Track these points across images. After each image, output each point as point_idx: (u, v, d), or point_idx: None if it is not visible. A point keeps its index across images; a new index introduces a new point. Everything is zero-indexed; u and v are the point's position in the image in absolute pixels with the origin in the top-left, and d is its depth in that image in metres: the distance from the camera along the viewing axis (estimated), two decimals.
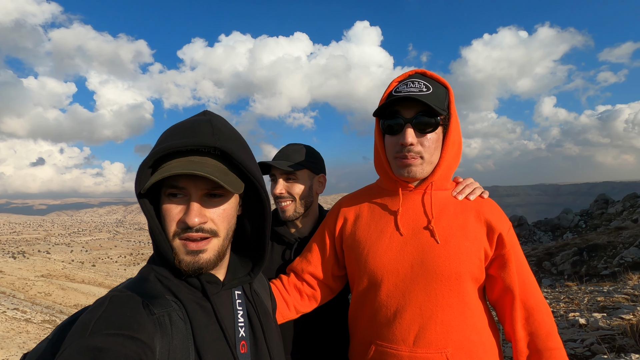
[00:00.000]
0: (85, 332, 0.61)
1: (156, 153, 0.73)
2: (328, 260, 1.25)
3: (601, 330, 3.93)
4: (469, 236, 1.07)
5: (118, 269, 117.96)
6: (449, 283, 1.03)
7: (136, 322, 0.65)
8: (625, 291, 6.33)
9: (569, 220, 33.44)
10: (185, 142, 0.73)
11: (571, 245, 17.82)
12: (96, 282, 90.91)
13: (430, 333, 1.03)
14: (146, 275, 0.78)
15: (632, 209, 27.24)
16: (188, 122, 0.79)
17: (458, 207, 1.11)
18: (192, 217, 0.73)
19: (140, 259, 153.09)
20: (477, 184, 1.19)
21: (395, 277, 1.07)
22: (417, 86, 1.04)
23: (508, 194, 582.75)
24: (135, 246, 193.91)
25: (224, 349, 0.76)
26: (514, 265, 1.07)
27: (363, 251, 1.13)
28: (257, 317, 0.87)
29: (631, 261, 13.32)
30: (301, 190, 1.43)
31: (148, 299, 0.70)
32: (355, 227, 1.19)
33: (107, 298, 0.69)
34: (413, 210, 1.12)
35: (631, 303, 5.20)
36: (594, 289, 7.42)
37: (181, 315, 0.72)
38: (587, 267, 14.99)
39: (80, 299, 67.42)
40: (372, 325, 1.11)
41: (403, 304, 1.06)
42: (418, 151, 1.05)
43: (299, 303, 1.25)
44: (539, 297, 1.09)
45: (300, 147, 1.48)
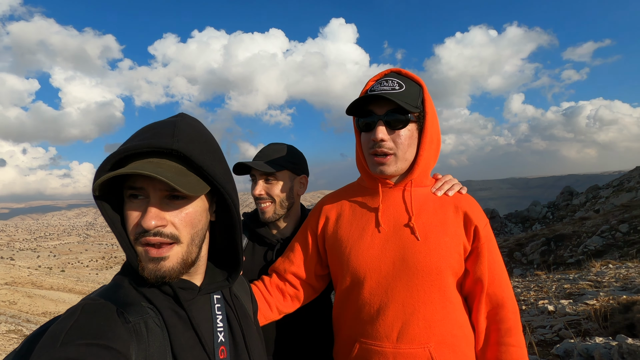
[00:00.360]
0: (56, 343, 0.58)
1: (113, 156, 0.70)
2: (310, 259, 1.25)
3: (568, 316, 4.14)
4: (448, 231, 1.08)
5: (89, 274, 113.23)
6: (430, 278, 1.05)
7: (110, 330, 0.62)
8: (589, 278, 6.70)
9: (537, 212, 35.02)
10: (141, 144, 0.70)
11: (540, 236, 18.67)
12: (66, 288, 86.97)
13: (413, 329, 1.04)
14: (120, 282, 0.75)
15: (594, 200, 28.86)
16: (154, 124, 0.76)
17: (437, 203, 1.13)
18: (148, 219, 0.69)
19: (113, 263, 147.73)
20: (456, 181, 1.21)
21: (377, 274, 1.08)
22: (390, 85, 1.06)
23: (481, 188, 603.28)
24: (108, 249, 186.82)
25: (201, 355, 0.74)
26: (486, 259, 1.09)
27: (345, 250, 1.13)
28: (237, 321, 0.86)
29: (594, 249, 14.12)
30: (281, 192, 1.40)
31: (123, 307, 0.68)
32: (337, 226, 1.19)
33: (79, 307, 0.66)
34: (394, 208, 1.13)
35: (594, 289, 5.50)
36: (561, 277, 7.81)
37: (158, 322, 0.70)
38: (555, 256, 15.76)
39: (49, 306, 64.35)
40: (356, 323, 1.12)
41: (386, 301, 1.06)
42: (390, 147, 1.07)
43: (281, 304, 1.24)
44: (506, 293, 1.10)
45: (282, 147, 1.45)
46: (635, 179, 26.91)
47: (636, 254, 11.40)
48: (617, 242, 13.94)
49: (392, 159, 1.08)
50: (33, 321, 27.68)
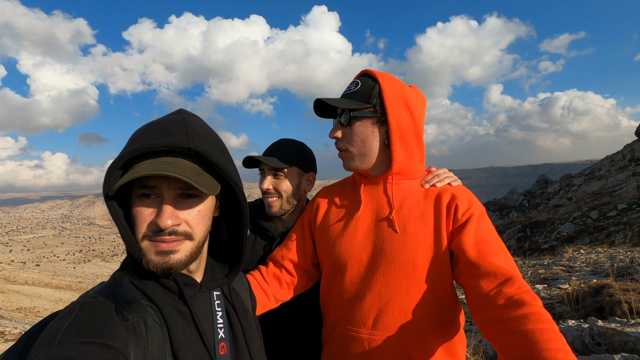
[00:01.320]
0: (53, 341, 0.57)
1: (126, 154, 0.69)
2: (307, 247, 1.29)
3: (543, 300, 4.31)
4: (427, 223, 1.09)
5: (66, 268, 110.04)
6: (406, 269, 1.06)
7: (109, 329, 0.62)
8: (562, 263, 7.00)
9: (514, 200, 36.21)
10: (157, 142, 0.70)
11: (516, 223, 19.36)
12: (42, 283, 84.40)
13: (388, 317, 1.07)
14: (119, 280, 0.75)
15: (567, 188, 30.05)
16: (161, 121, 0.76)
17: (422, 195, 1.14)
18: (165, 219, 0.70)
19: (92, 256, 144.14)
20: (450, 174, 1.19)
21: (358, 263, 1.13)
22: (350, 87, 1.15)
23: (461, 177, 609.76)
24: (85, 242, 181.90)
25: (202, 351, 0.75)
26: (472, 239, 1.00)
27: (331, 239, 1.20)
28: (237, 318, 0.87)
29: (566, 235, 14.76)
30: (288, 188, 1.41)
31: (121, 305, 0.68)
32: (326, 216, 1.26)
33: (78, 304, 0.66)
34: (377, 201, 1.17)
35: (567, 274, 5.75)
36: (536, 263, 8.12)
37: (157, 319, 0.71)
38: (530, 242, 16.40)
39: (24, 301, 62.38)
40: (337, 309, 1.18)
41: (363, 289, 1.11)
42: (342, 144, 1.16)
43: (278, 292, 1.26)
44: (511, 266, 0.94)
45: (292, 144, 1.46)
46: (606, 168, 28.16)
47: (605, 239, 11.99)
48: (588, 228, 14.62)
49: (348, 155, 1.15)
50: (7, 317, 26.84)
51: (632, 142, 29.88)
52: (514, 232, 18.36)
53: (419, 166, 1.17)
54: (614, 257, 6.50)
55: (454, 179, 1.17)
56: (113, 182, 0.70)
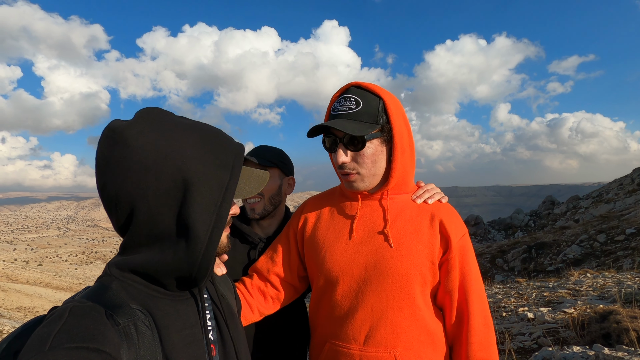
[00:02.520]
0: (43, 347, 0.55)
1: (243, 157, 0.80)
2: (293, 260, 1.26)
3: (547, 324, 4.21)
4: (421, 239, 1.09)
5: (68, 269, 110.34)
6: (400, 284, 1.06)
7: (100, 333, 0.60)
8: (567, 286, 6.85)
9: (520, 220, 35.81)
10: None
11: (521, 243, 19.08)
12: (43, 283, 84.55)
13: (380, 333, 1.06)
14: (107, 283, 0.72)
15: (574, 210, 29.68)
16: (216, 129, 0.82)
17: (415, 210, 1.14)
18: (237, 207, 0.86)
19: (94, 258, 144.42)
20: (438, 190, 1.21)
21: (349, 278, 1.11)
22: (348, 104, 1.07)
23: (466, 194, 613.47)
24: (88, 244, 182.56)
25: (197, 352, 0.73)
26: (457, 271, 1.09)
27: (321, 252, 1.16)
28: (224, 320, 0.86)
29: (573, 258, 14.49)
30: (271, 189, 1.41)
31: (111, 309, 0.66)
32: (315, 229, 1.22)
33: (67, 309, 0.63)
34: (370, 215, 1.15)
35: (572, 297, 5.62)
36: (541, 284, 7.96)
37: (147, 323, 0.69)
38: (535, 263, 16.11)
39: (24, 300, 62.41)
40: (328, 324, 1.15)
41: (356, 304, 1.09)
42: (352, 167, 1.09)
43: (262, 306, 1.25)
44: (476, 308, 1.09)
45: (272, 148, 1.48)
46: (614, 191, 27.80)
47: (612, 263, 11.75)
48: (595, 251, 14.35)
49: (358, 177, 1.10)
50: (6, 316, 26.84)
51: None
52: (519, 252, 18.07)
53: (411, 180, 1.18)
54: (621, 283, 6.35)
55: (442, 195, 1.20)
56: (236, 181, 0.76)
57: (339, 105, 1.09)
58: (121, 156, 0.67)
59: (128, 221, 0.71)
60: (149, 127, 0.69)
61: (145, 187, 0.67)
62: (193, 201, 0.69)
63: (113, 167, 0.68)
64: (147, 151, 0.67)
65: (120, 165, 0.67)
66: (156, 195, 0.68)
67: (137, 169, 0.67)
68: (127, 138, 0.67)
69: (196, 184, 0.69)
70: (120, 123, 0.70)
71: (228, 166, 0.73)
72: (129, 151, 0.66)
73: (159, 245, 0.72)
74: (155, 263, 0.72)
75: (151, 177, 0.67)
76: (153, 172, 0.67)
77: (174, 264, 0.71)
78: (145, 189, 0.67)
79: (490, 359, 1.07)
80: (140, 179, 0.67)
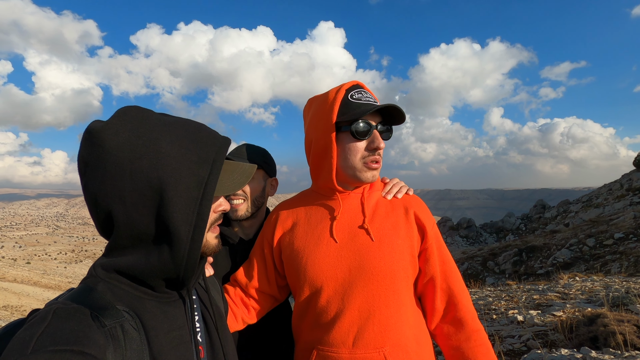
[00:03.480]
0: (25, 350, 0.53)
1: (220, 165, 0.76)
2: (270, 273, 1.24)
3: (536, 327, 4.25)
4: (400, 234, 1.12)
5: (57, 267, 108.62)
6: (385, 282, 1.07)
7: (85, 335, 0.59)
8: (557, 290, 6.93)
9: (511, 223, 36.17)
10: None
11: (512, 247, 19.27)
12: (31, 281, 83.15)
13: (369, 333, 1.06)
14: (92, 285, 0.71)
15: (564, 214, 30.07)
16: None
17: (388, 206, 1.17)
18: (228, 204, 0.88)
19: (83, 256, 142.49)
20: (403, 183, 1.26)
21: (334, 282, 1.10)
22: (371, 97, 1.13)
23: (459, 197, 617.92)
24: (78, 242, 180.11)
25: (185, 354, 0.72)
26: (436, 257, 1.15)
27: (302, 260, 1.14)
28: (213, 322, 0.86)
29: (562, 261, 14.67)
30: (255, 190, 1.40)
31: (97, 310, 0.65)
32: (292, 237, 1.19)
33: (50, 311, 0.61)
34: (349, 215, 1.16)
35: (562, 301, 5.69)
36: (531, 288, 8.04)
37: (134, 325, 0.68)
38: (526, 266, 16.28)
39: (12, 299, 61.33)
40: (314, 331, 1.13)
41: (342, 308, 1.08)
42: (381, 155, 1.13)
43: (246, 315, 1.25)
44: (461, 286, 1.16)
45: (256, 147, 1.45)
46: (603, 196, 28.23)
47: (601, 267, 11.92)
48: (584, 255, 14.54)
49: (380, 166, 1.14)
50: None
51: (630, 172, 30.05)
52: (510, 255, 18.24)
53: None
54: (609, 286, 6.44)
55: (408, 187, 1.25)
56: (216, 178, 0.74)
57: (362, 96, 1.11)
58: (98, 157, 0.66)
59: (108, 223, 0.70)
60: (125, 127, 0.68)
61: (122, 188, 0.66)
62: (170, 200, 0.67)
63: (91, 169, 0.67)
64: (123, 151, 0.66)
65: (98, 166, 0.66)
66: (133, 196, 0.67)
67: (113, 170, 0.66)
68: (104, 139, 0.66)
69: (172, 183, 0.67)
70: (97, 124, 0.69)
71: (208, 161, 0.71)
72: (105, 152, 0.66)
73: (144, 247, 0.70)
74: (141, 265, 0.70)
75: (127, 177, 0.66)
76: (128, 173, 0.66)
77: (160, 266, 0.70)
78: (122, 190, 0.66)
79: (479, 328, 1.13)
80: (117, 180, 0.66)
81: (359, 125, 1.09)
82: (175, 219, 0.68)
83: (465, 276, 17.56)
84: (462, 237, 36.96)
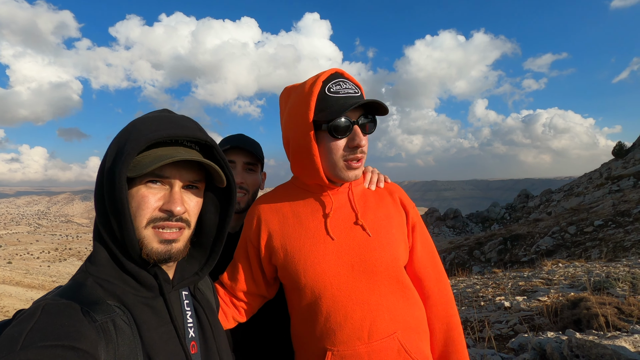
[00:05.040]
0: (15, 346, 0.53)
1: (151, 139, 0.72)
2: (256, 275, 1.19)
3: (522, 312, 4.39)
4: (394, 223, 1.14)
5: (40, 266, 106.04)
6: (388, 271, 1.08)
7: (76, 330, 0.58)
8: (541, 276, 7.16)
9: (496, 213, 36.99)
10: (179, 132, 0.75)
11: (497, 236, 19.75)
12: (13, 281, 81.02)
13: (381, 323, 1.05)
14: (82, 281, 0.71)
15: (547, 203, 30.91)
16: (168, 116, 0.80)
17: (375, 196, 1.18)
18: (176, 205, 0.74)
19: (67, 255, 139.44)
20: (377, 171, 1.27)
21: (337, 281, 1.06)
22: (352, 87, 1.04)
23: (445, 188, 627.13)
24: (62, 240, 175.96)
25: (176, 349, 0.73)
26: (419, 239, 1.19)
27: (299, 263, 1.08)
28: (206, 317, 0.86)
29: (545, 249, 15.13)
30: (255, 184, 1.39)
31: (87, 306, 0.65)
32: (283, 238, 1.12)
33: (39, 307, 0.61)
34: (341, 210, 1.12)
35: (546, 286, 5.88)
36: (516, 275, 8.28)
37: (126, 320, 0.68)
38: (511, 254, 16.73)
39: None
40: (324, 334, 1.07)
41: (351, 304, 1.06)
42: (364, 152, 1.07)
43: (237, 315, 1.22)
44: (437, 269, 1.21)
45: (256, 142, 1.43)
46: (584, 185, 29.09)
47: (582, 253, 12.34)
48: (566, 242, 15.02)
49: (363, 163, 1.09)
50: None
51: (608, 161, 31.00)
52: (495, 244, 18.71)
53: None
54: (590, 272, 6.69)
55: (385, 175, 1.27)
56: (127, 165, 0.70)
57: (341, 88, 1.04)
58: None
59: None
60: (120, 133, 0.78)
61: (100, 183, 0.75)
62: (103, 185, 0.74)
63: None
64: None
65: None
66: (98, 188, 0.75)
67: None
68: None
69: (103, 169, 0.74)
70: None
71: (120, 152, 0.72)
72: None
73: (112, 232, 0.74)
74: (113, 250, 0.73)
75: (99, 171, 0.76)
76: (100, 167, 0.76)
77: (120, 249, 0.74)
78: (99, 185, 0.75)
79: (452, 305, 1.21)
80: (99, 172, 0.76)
81: (336, 122, 1.02)
82: (112, 199, 0.72)
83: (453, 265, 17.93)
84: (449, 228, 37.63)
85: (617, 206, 16.85)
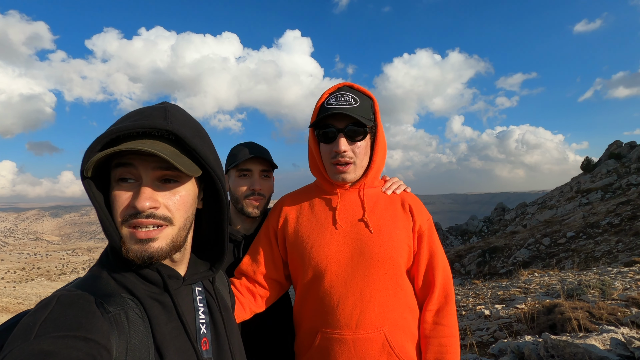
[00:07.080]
0: (29, 336, 0.55)
1: (104, 136, 0.68)
2: (276, 258, 1.29)
3: (502, 319, 4.54)
4: (398, 225, 1.21)
5: (5, 287, 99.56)
6: (384, 267, 1.15)
7: (89, 321, 0.60)
8: (518, 285, 7.40)
9: (474, 226, 37.84)
10: (134, 124, 0.69)
11: (476, 248, 20.19)
12: None
13: (370, 315, 1.13)
14: (97, 273, 0.72)
15: (522, 216, 31.93)
16: (142, 108, 0.76)
17: (387, 200, 1.26)
18: (142, 200, 0.68)
19: (35, 274, 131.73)
20: (402, 182, 1.38)
21: (337, 267, 1.16)
22: (347, 99, 1.16)
23: (425, 202, 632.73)
24: (30, 259, 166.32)
25: (185, 345, 0.73)
26: (426, 249, 1.23)
27: (307, 246, 1.20)
28: (219, 313, 0.86)
29: (522, 260, 15.60)
30: (270, 190, 1.48)
31: (101, 297, 0.66)
32: (298, 225, 1.26)
33: (54, 298, 0.62)
34: (350, 207, 1.24)
35: (523, 295, 6.09)
36: (495, 285, 8.51)
37: (139, 312, 0.69)
38: (489, 266, 17.12)
39: None
40: (317, 315, 1.18)
41: (345, 291, 1.14)
42: (350, 157, 1.18)
43: (253, 304, 1.28)
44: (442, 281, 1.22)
45: (264, 147, 1.52)
46: (556, 198, 30.29)
47: (556, 264, 12.81)
48: (541, 254, 15.54)
49: (352, 167, 1.19)
50: None
51: (578, 175, 32.50)
52: (475, 256, 19.11)
53: (378, 176, 1.31)
54: (564, 280, 6.97)
55: (406, 186, 1.35)
56: (84, 164, 0.68)
57: (336, 101, 1.16)
58: None
59: None
60: None
61: None
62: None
63: None
64: None
65: None
66: None
67: None
68: None
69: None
70: None
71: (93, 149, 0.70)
72: None
73: None
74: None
75: None
76: None
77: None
78: None
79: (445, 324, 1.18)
80: None
81: (322, 130, 1.18)
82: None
83: None
84: None
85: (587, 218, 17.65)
